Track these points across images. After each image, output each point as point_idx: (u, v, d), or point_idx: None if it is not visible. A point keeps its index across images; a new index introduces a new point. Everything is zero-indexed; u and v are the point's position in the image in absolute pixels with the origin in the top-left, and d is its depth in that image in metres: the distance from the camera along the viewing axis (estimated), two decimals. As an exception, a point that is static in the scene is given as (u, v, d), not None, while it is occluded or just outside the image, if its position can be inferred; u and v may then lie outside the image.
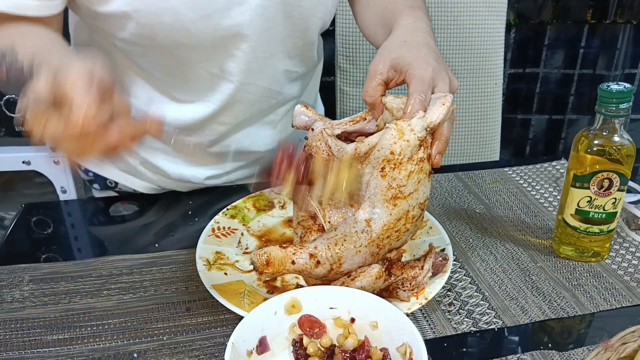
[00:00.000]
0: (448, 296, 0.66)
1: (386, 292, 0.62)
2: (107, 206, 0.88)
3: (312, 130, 0.63)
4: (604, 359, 0.49)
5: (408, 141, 0.55)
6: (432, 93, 0.60)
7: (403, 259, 0.67)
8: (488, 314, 0.64)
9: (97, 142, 0.49)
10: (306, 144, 0.63)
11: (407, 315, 0.54)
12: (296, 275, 0.69)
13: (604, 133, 0.66)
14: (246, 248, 0.74)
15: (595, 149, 0.66)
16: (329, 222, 0.62)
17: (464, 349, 0.59)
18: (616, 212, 0.69)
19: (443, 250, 0.69)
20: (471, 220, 0.82)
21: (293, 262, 0.57)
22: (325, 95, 1.11)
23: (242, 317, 0.53)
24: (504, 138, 1.43)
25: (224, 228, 0.76)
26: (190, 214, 0.84)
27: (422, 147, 0.57)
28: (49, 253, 0.76)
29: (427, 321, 0.62)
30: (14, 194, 1.70)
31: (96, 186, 0.99)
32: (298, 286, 0.67)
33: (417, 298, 0.61)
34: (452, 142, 1.35)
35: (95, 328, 0.62)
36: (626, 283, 0.69)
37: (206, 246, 0.71)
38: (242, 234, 0.76)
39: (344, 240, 0.58)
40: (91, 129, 0.48)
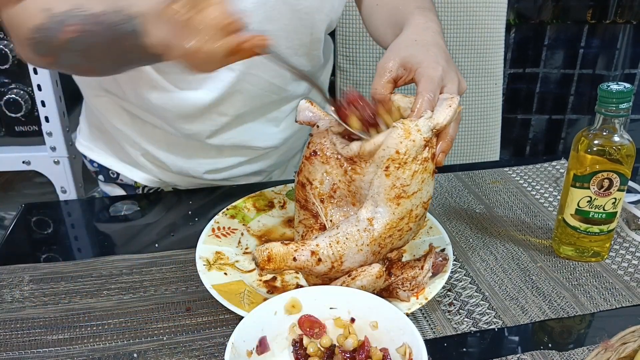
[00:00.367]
0: (448, 296, 0.66)
1: (386, 292, 0.62)
2: (107, 206, 0.88)
3: (317, 127, 0.63)
4: (604, 359, 0.49)
5: (414, 141, 0.55)
6: (441, 93, 0.60)
7: (403, 259, 0.67)
8: (488, 314, 0.64)
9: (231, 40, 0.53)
10: (310, 141, 0.62)
11: (407, 315, 0.54)
12: (296, 275, 0.69)
13: (604, 133, 0.66)
14: (246, 248, 0.74)
15: (595, 149, 0.66)
16: (331, 221, 0.62)
17: (464, 349, 0.59)
18: (616, 212, 0.69)
19: (443, 250, 0.69)
20: (471, 220, 0.82)
21: (294, 259, 0.57)
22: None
23: (242, 317, 0.53)
24: (504, 138, 1.43)
25: (224, 228, 0.76)
26: (190, 214, 0.84)
27: (427, 147, 0.57)
28: (49, 253, 0.76)
29: (427, 321, 0.62)
30: (14, 194, 1.70)
31: (101, 177, 1.01)
32: (298, 286, 0.67)
33: (417, 298, 0.61)
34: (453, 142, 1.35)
35: (95, 328, 0.62)
36: (626, 283, 0.69)
37: (206, 246, 0.71)
38: (242, 234, 0.76)
39: (346, 238, 0.58)
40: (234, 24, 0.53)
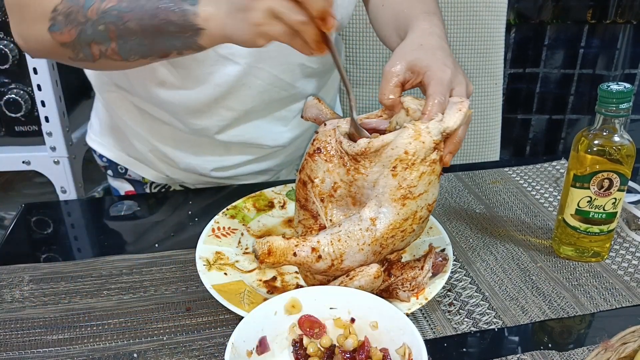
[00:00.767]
0: (448, 296, 0.66)
1: (386, 293, 0.62)
2: (107, 206, 0.88)
3: (325, 125, 0.63)
4: (604, 359, 0.49)
5: (424, 143, 0.55)
6: (450, 96, 0.60)
7: (403, 259, 0.67)
8: (488, 314, 0.64)
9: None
10: (315, 138, 0.62)
11: (407, 315, 0.54)
12: (296, 275, 0.69)
13: (604, 133, 0.66)
14: (246, 248, 0.74)
15: (595, 149, 0.66)
16: (331, 220, 0.62)
17: (464, 349, 0.59)
18: (616, 212, 0.69)
19: (443, 250, 0.69)
20: (471, 220, 0.82)
21: (295, 254, 0.57)
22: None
23: (242, 317, 0.53)
24: (504, 138, 1.43)
25: (224, 228, 0.76)
26: (190, 214, 0.84)
27: (436, 150, 0.57)
28: (49, 253, 0.76)
29: (427, 321, 0.62)
30: (14, 194, 1.70)
31: (110, 172, 1.02)
32: (298, 286, 0.67)
33: (417, 298, 0.61)
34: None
35: (95, 328, 0.62)
36: (626, 283, 0.69)
37: (206, 246, 0.71)
38: (242, 234, 0.76)
39: (348, 237, 0.58)
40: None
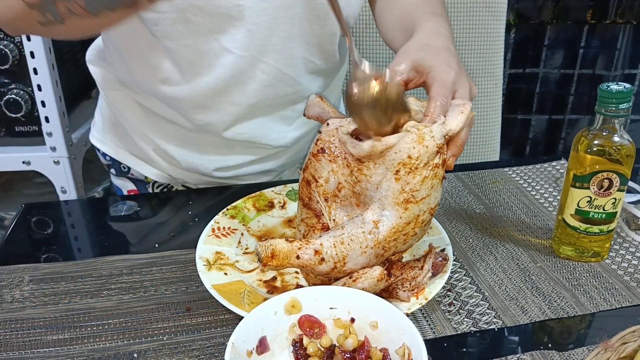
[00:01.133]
0: (448, 296, 0.66)
1: (386, 293, 0.62)
2: (107, 206, 0.88)
3: (327, 124, 0.63)
4: (604, 359, 0.49)
5: (427, 147, 0.55)
6: (452, 98, 0.59)
7: (403, 259, 0.67)
8: (488, 314, 0.64)
9: None
10: (319, 138, 0.62)
11: (407, 315, 0.54)
12: (296, 275, 0.69)
13: (604, 133, 0.66)
14: (246, 248, 0.74)
15: (595, 149, 0.66)
16: (334, 220, 0.62)
17: (464, 349, 0.59)
18: (616, 212, 0.69)
19: (443, 250, 0.69)
20: (471, 220, 0.82)
21: (298, 257, 0.57)
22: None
23: (242, 317, 0.53)
24: (504, 138, 1.43)
25: (224, 228, 0.76)
26: (190, 214, 0.84)
27: (439, 154, 0.57)
28: (49, 253, 0.76)
29: (427, 321, 0.62)
30: (14, 194, 1.70)
31: (113, 171, 1.02)
32: (298, 286, 0.67)
33: (417, 298, 0.61)
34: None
35: (95, 328, 0.62)
36: (626, 283, 0.69)
37: (206, 246, 0.71)
38: (242, 234, 0.76)
39: (351, 239, 0.58)
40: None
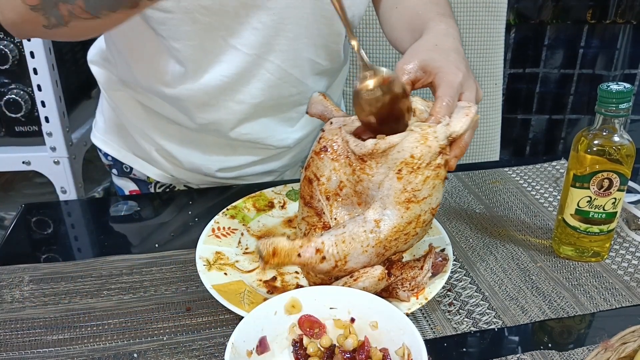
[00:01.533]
0: (448, 296, 0.66)
1: (386, 292, 0.62)
2: (107, 206, 0.88)
3: (331, 123, 0.63)
4: (604, 359, 0.49)
5: (430, 147, 0.55)
6: (459, 100, 0.59)
7: (403, 259, 0.67)
8: (488, 314, 0.64)
9: None
10: (321, 136, 0.62)
11: (407, 315, 0.54)
12: (296, 275, 0.69)
13: (604, 133, 0.66)
14: (246, 248, 0.74)
15: (595, 149, 0.66)
16: (335, 219, 0.62)
17: (464, 349, 0.59)
18: (616, 212, 0.69)
19: (443, 250, 0.69)
20: (471, 220, 0.82)
21: (299, 255, 0.57)
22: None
23: (242, 317, 0.53)
24: (504, 138, 1.43)
25: (224, 228, 0.76)
26: (190, 214, 0.84)
27: (442, 154, 0.57)
28: (49, 253, 0.76)
29: (427, 321, 0.62)
30: (14, 194, 1.70)
31: (114, 171, 1.02)
32: (298, 286, 0.67)
33: (417, 298, 0.61)
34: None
35: (95, 328, 0.62)
36: (626, 283, 0.69)
37: (206, 246, 0.71)
38: (242, 234, 0.76)
39: (352, 238, 0.58)
40: None
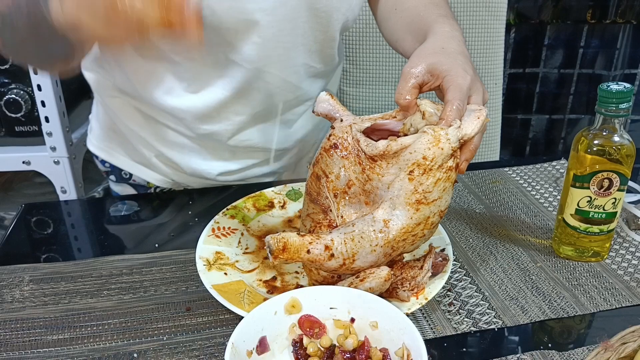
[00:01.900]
0: (448, 296, 0.66)
1: (386, 292, 0.62)
2: (107, 206, 0.88)
3: (341, 120, 0.63)
4: (604, 359, 0.49)
5: (442, 149, 0.55)
6: (467, 103, 0.60)
7: (403, 259, 0.67)
8: (488, 314, 0.64)
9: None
10: (332, 134, 0.62)
11: (407, 315, 0.54)
12: (296, 275, 0.69)
13: (604, 133, 0.66)
14: (246, 248, 0.74)
15: (595, 149, 0.66)
16: (342, 217, 0.62)
17: (464, 349, 0.59)
18: (616, 212, 0.69)
19: (443, 250, 0.69)
20: (471, 220, 0.82)
21: (308, 251, 0.57)
22: (325, 95, 1.11)
23: (242, 317, 0.53)
24: (504, 138, 1.43)
25: (224, 228, 0.76)
26: (190, 214, 0.84)
27: (453, 157, 0.57)
28: (49, 253, 0.76)
29: (427, 321, 0.62)
30: (14, 194, 1.70)
31: (112, 178, 1.01)
32: (298, 286, 0.67)
33: (417, 298, 0.61)
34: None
35: (95, 328, 0.62)
36: (626, 283, 0.69)
37: (206, 246, 0.71)
38: (242, 234, 0.76)
39: (361, 237, 0.58)
40: None
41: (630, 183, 0.87)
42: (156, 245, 0.77)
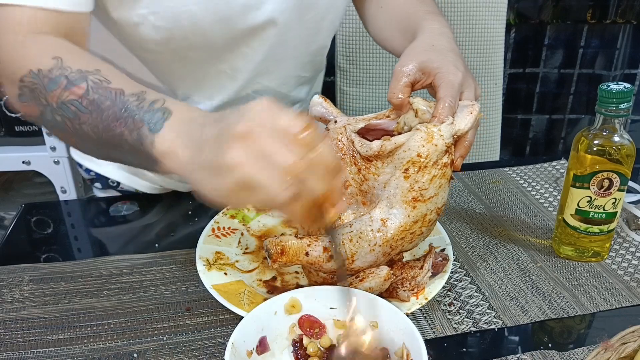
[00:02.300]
0: (448, 296, 0.66)
1: (386, 292, 0.62)
2: (107, 206, 0.88)
3: (335, 122, 0.63)
4: (604, 359, 0.49)
5: (436, 146, 0.55)
6: (459, 99, 0.60)
7: (403, 259, 0.67)
8: (488, 314, 0.64)
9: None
10: (326, 135, 0.62)
11: (407, 315, 0.54)
12: (296, 275, 0.69)
13: (604, 133, 0.66)
14: (246, 248, 0.74)
15: (595, 149, 0.66)
16: (340, 218, 0.62)
17: (464, 349, 0.59)
18: (616, 212, 0.69)
19: (443, 250, 0.69)
20: (471, 220, 0.82)
21: (307, 254, 0.57)
22: (325, 95, 1.11)
23: (242, 317, 0.53)
24: (504, 138, 1.43)
25: (224, 228, 0.76)
26: (190, 214, 0.84)
27: (447, 154, 0.57)
28: (49, 253, 0.76)
29: (427, 321, 0.62)
30: (14, 194, 1.70)
31: (98, 185, 0.99)
32: (298, 286, 0.66)
33: (417, 298, 0.61)
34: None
35: (95, 328, 0.62)
36: (626, 283, 0.69)
37: (206, 246, 0.71)
38: (242, 234, 0.76)
39: (359, 237, 0.58)
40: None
41: (630, 183, 0.87)
42: (156, 245, 0.77)
